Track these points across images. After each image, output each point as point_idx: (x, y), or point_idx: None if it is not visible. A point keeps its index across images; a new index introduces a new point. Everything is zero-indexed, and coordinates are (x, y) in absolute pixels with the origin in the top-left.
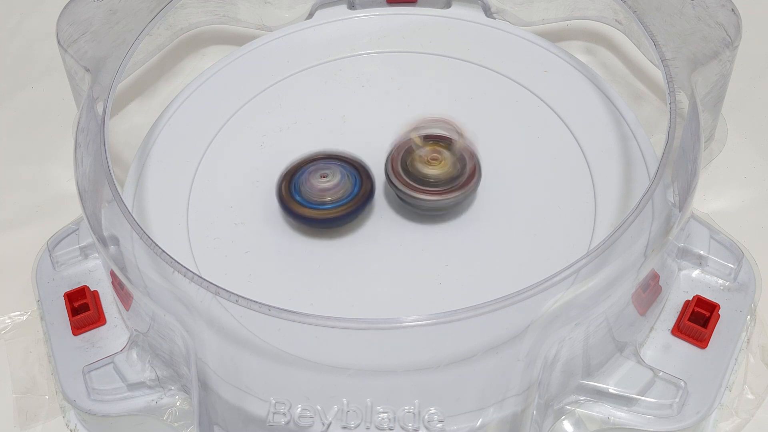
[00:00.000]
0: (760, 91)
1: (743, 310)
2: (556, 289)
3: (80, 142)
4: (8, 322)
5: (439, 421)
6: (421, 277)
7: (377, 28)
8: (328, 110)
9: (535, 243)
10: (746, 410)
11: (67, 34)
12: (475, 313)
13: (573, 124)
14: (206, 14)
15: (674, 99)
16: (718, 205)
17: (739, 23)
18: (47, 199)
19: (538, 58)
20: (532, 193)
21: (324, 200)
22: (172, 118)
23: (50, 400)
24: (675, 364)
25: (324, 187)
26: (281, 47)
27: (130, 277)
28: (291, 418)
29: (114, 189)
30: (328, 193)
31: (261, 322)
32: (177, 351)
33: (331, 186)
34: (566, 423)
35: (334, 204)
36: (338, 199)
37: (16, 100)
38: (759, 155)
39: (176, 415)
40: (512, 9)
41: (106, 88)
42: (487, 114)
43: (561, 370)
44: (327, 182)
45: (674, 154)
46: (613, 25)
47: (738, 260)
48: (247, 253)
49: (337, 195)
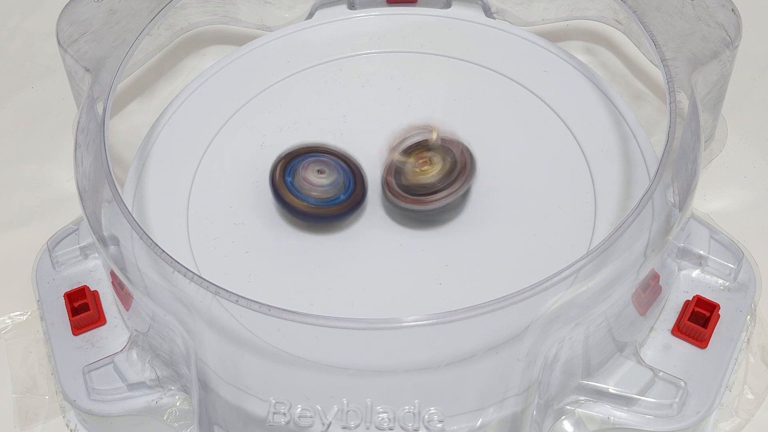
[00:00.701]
0: (760, 91)
1: (743, 310)
2: (556, 289)
3: (80, 142)
4: (8, 322)
5: (439, 421)
6: (421, 277)
7: (377, 28)
8: (328, 110)
9: (535, 243)
10: (746, 410)
11: (67, 34)
12: (475, 313)
13: (573, 124)
14: (206, 14)
15: (674, 99)
16: (718, 205)
17: (739, 23)
18: (47, 199)
19: (538, 58)
20: (532, 193)
21: (311, 195)
22: (172, 118)
23: (50, 400)
24: (675, 364)
25: (317, 183)
26: (281, 47)
27: (130, 277)
28: (291, 418)
29: (114, 189)
30: (319, 191)
31: (261, 322)
32: (177, 351)
33: (324, 184)
34: (566, 423)
35: (322, 202)
36: (328, 198)
37: (16, 100)
38: (759, 155)
39: (176, 415)
40: (512, 9)
41: (106, 88)
42: (487, 114)
43: (561, 370)
44: (322, 179)
45: (674, 154)
46: (613, 25)
47: (738, 260)
48: (247, 253)
49: (328, 195)
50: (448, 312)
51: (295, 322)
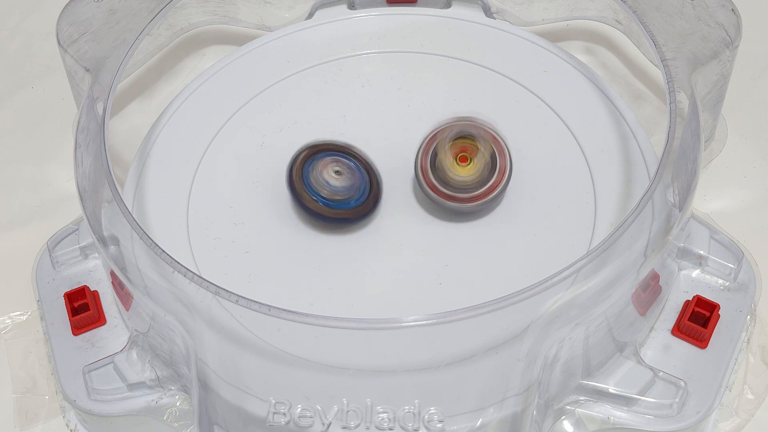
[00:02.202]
0: (760, 91)
1: (743, 310)
2: (556, 289)
3: (80, 142)
4: (8, 322)
5: (439, 421)
6: (421, 277)
7: (377, 28)
8: (328, 110)
9: (535, 243)
10: (746, 410)
11: (67, 34)
12: (475, 313)
13: (573, 124)
14: (206, 14)
15: (674, 99)
16: (718, 205)
17: (739, 23)
18: (47, 199)
19: (538, 58)
20: (532, 193)
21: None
22: (172, 118)
23: (50, 400)
24: (675, 364)
25: (331, 183)
26: (281, 47)
27: (130, 277)
28: (291, 418)
29: (114, 189)
30: (329, 191)
31: (261, 322)
32: (177, 351)
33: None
34: (566, 423)
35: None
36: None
37: (16, 100)
38: (759, 155)
39: (176, 415)
40: (512, 9)
41: (106, 88)
42: (487, 114)
43: (561, 370)
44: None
45: (674, 154)
46: (613, 25)
47: (738, 260)
48: (247, 253)
49: (337, 197)
50: (448, 312)
51: (295, 322)
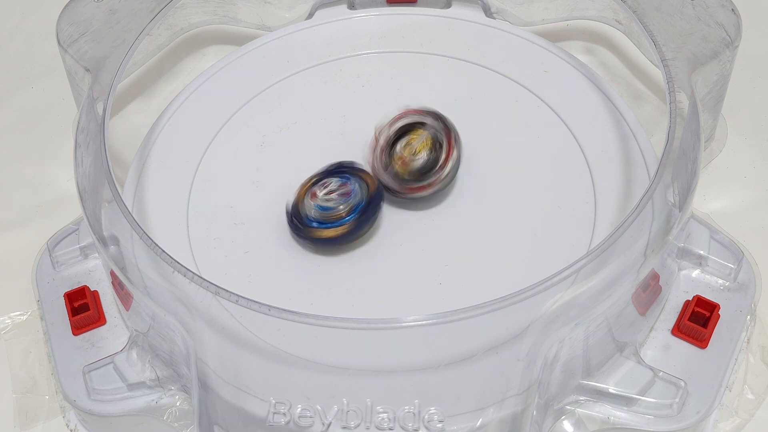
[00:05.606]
0: (760, 91)
1: (743, 310)
2: (556, 289)
3: (80, 142)
4: (8, 322)
5: (439, 421)
6: (421, 277)
7: (377, 28)
8: (328, 110)
9: (535, 243)
10: (746, 410)
11: (67, 34)
12: (475, 313)
13: (573, 124)
14: (206, 14)
15: (674, 99)
16: (718, 205)
17: (739, 23)
18: (47, 199)
19: (538, 58)
20: (532, 193)
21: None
22: (172, 118)
23: (50, 400)
24: (675, 364)
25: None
26: (281, 47)
27: (130, 277)
28: (291, 418)
29: (114, 189)
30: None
31: (261, 322)
32: (177, 351)
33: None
34: (566, 423)
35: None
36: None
37: (16, 100)
38: (759, 155)
39: (176, 415)
40: (512, 9)
41: (106, 88)
42: (487, 114)
43: (561, 370)
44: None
45: (674, 154)
46: (613, 25)
47: (738, 260)
48: (247, 253)
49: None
50: (448, 312)
51: (295, 322)
